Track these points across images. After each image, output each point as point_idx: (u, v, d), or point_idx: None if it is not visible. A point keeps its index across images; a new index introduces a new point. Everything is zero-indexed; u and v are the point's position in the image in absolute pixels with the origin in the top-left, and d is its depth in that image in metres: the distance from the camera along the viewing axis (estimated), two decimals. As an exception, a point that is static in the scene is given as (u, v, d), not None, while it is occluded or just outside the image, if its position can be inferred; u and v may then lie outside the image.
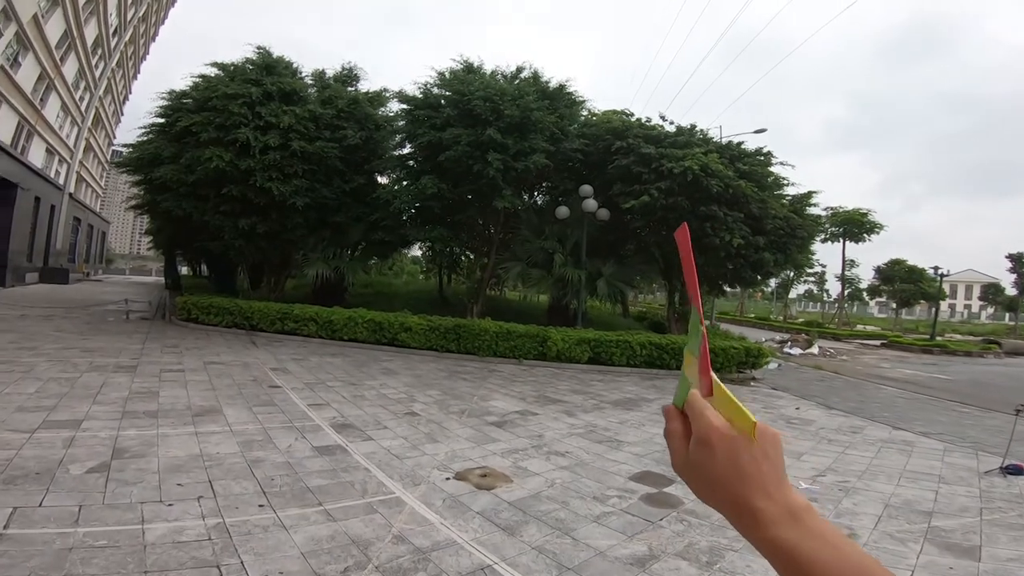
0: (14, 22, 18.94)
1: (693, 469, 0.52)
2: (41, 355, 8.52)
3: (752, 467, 0.49)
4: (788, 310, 46.14)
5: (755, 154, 14.93)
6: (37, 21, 20.96)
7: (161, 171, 13.41)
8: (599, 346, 12.21)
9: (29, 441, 4.44)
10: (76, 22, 24.90)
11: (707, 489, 0.52)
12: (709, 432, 0.50)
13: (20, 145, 24.00)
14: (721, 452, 0.50)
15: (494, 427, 6.59)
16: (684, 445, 0.53)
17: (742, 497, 0.49)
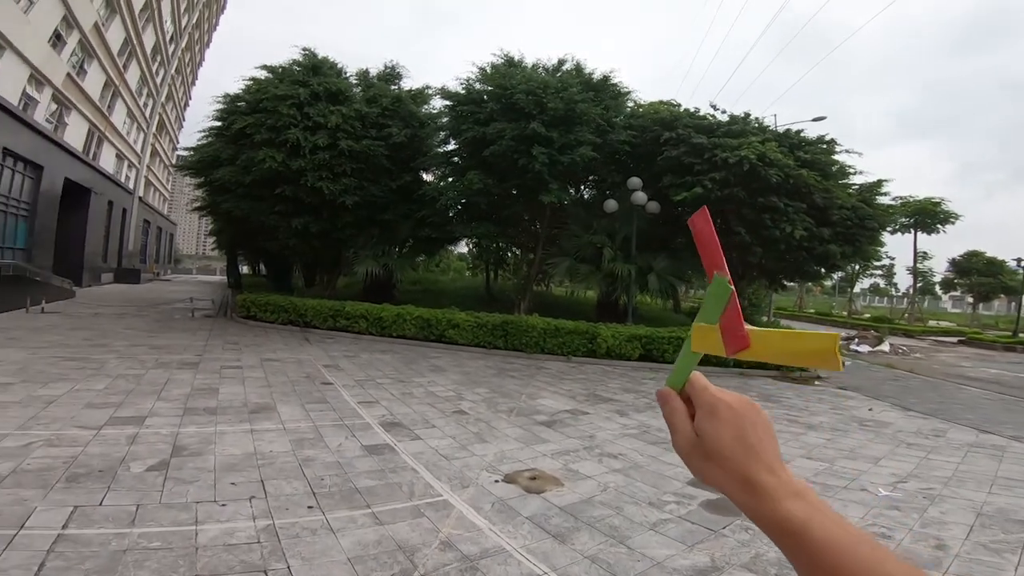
0: (76, 30, 20.05)
1: (699, 445, 0.52)
2: (112, 352, 9.00)
3: (758, 440, 0.50)
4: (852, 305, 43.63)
5: (817, 142, 14.11)
6: (98, 29, 22.14)
7: (220, 172, 14.00)
8: (651, 343, 11.88)
9: (95, 438, 4.62)
10: (135, 29, 26.24)
11: (712, 465, 0.51)
12: (716, 403, 0.52)
13: (92, 151, 25.64)
14: (729, 423, 0.50)
15: (543, 427, 6.42)
16: (687, 421, 0.53)
17: (750, 471, 0.49)
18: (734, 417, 0.51)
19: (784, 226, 12.42)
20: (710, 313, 0.54)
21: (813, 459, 5.82)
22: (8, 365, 7.31)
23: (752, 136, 12.78)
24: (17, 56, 16.31)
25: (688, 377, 0.56)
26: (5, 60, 15.77)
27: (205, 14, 40.93)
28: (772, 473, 0.49)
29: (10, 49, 15.83)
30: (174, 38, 34.40)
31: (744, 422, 0.51)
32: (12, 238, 18.36)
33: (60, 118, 21.33)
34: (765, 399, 9.27)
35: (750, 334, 0.51)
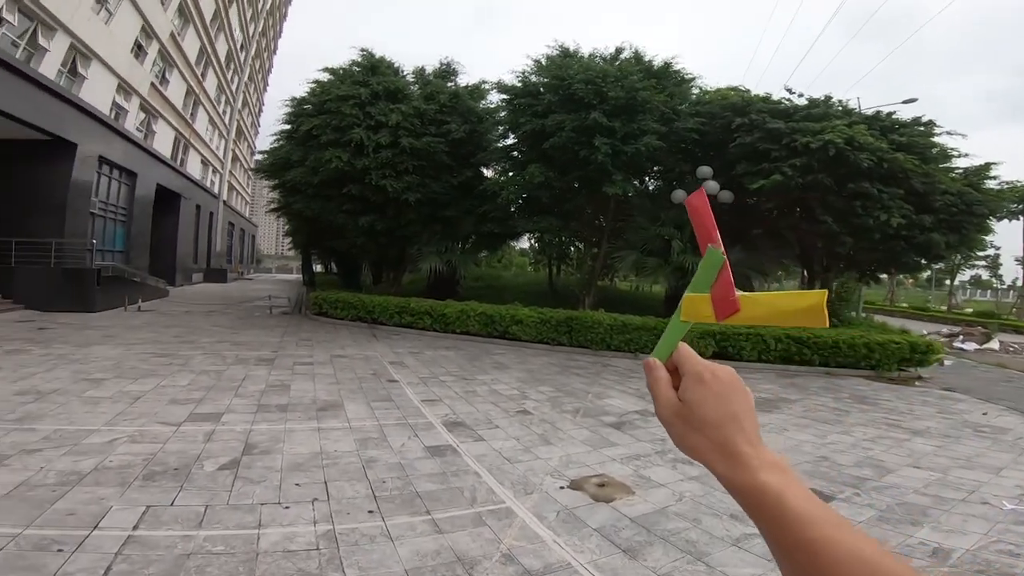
0: (155, 40, 21.48)
1: (683, 412, 0.53)
2: (198, 348, 9.54)
3: (741, 411, 0.51)
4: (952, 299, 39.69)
5: (912, 124, 12.81)
6: (175, 38, 23.65)
7: (291, 174, 14.60)
8: (725, 339, 11.16)
9: (175, 435, 4.81)
10: (208, 38, 27.90)
11: (694, 432, 0.52)
12: (702, 371, 0.53)
13: (179, 158, 27.62)
14: (716, 391, 0.52)
15: (612, 429, 6.13)
16: (670, 391, 0.54)
17: (730, 440, 0.50)
18: (719, 385, 0.52)
19: (878, 214, 11.38)
20: (702, 283, 0.55)
21: (922, 468, 5.21)
22: (104, 361, 7.89)
23: (836, 120, 11.77)
24: (103, 66, 17.65)
25: (675, 347, 0.56)
26: (93, 70, 17.07)
27: (269, 22, 43.10)
28: (751, 444, 0.50)
29: (96, 60, 17.11)
30: (244, 46, 36.38)
31: (729, 391, 0.52)
32: (112, 241, 20.09)
33: (148, 126, 23.05)
34: (859, 401, 8.49)
35: (740, 299, 0.52)
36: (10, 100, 12.72)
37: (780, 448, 5.69)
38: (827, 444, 5.92)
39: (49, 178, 15.30)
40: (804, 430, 6.54)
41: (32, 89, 13.56)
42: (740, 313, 0.52)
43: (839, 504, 4.28)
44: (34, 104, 13.66)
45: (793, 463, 5.09)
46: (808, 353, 10.87)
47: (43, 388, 6.07)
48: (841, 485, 4.71)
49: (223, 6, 28.63)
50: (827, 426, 6.73)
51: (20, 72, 13.01)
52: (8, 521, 3.05)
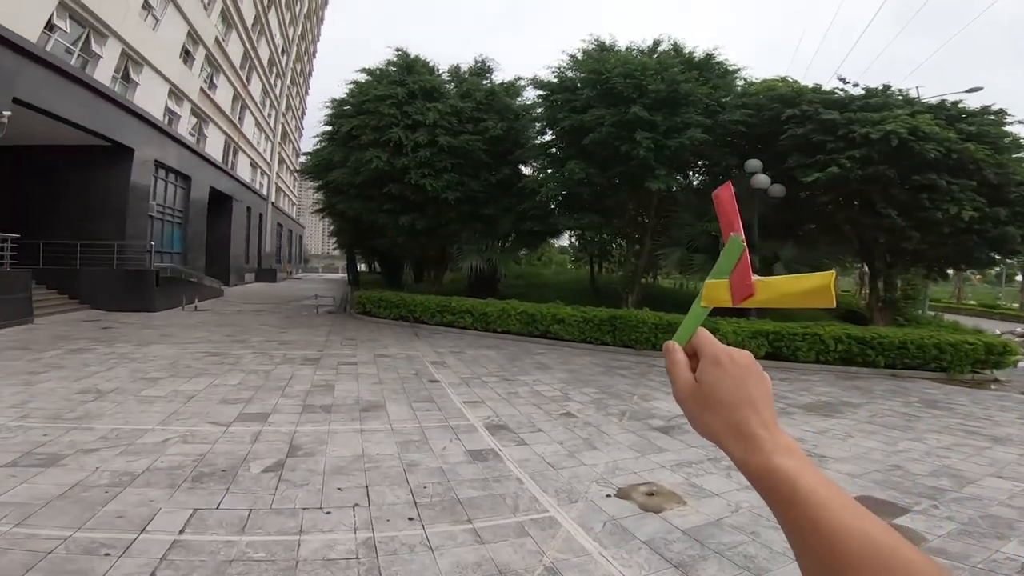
0: (201, 45, 22.25)
1: (701, 393, 0.54)
2: (248, 347, 9.82)
3: (755, 393, 0.52)
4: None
5: (981, 113, 11.94)
6: (220, 43, 24.47)
7: (333, 175, 14.91)
8: (779, 339, 10.64)
9: (224, 435, 4.90)
10: (250, 43, 28.78)
11: (709, 413, 0.53)
12: (720, 353, 0.53)
13: (229, 161, 28.65)
14: (732, 373, 0.52)
15: (660, 433, 5.89)
16: (688, 373, 0.55)
17: (745, 422, 0.51)
18: (736, 368, 0.53)
19: (948, 207, 10.68)
20: (722, 270, 0.56)
21: (1005, 478, 4.79)
22: (161, 360, 8.22)
23: (897, 109, 11.08)
24: (155, 72, 18.41)
25: (694, 332, 0.57)
26: (145, 75, 17.83)
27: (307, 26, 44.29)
28: (766, 428, 0.50)
29: (147, 65, 17.85)
30: (284, 50, 37.47)
31: (746, 374, 0.53)
32: (170, 243, 21.06)
33: (200, 131, 24.02)
34: (930, 405, 7.96)
35: (756, 283, 0.54)
36: (70, 107, 13.42)
37: (846, 455, 5.34)
38: (898, 452, 5.56)
39: (109, 183, 16.14)
40: (871, 436, 6.15)
41: (89, 96, 14.27)
42: (755, 296, 0.54)
43: (915, 516, 3.97)
44: (92, 110, 14.39)
45: (862, 472, 4.85)
46: (872, 354, 10.27)
47: (103, 387, 6.35)
48: (916, 496, 4.37)
49: (262, 10, 29.48)
50: (897, 432, 6.34)
51: (77, 79, 13.70)
52: (61, 523, 3.13)
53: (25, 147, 14.52)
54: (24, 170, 14.96)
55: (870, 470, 4.92)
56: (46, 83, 12.50)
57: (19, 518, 3.14)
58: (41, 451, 4.23)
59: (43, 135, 14.35)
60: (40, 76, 12.26)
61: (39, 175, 15.45)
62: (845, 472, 4.88)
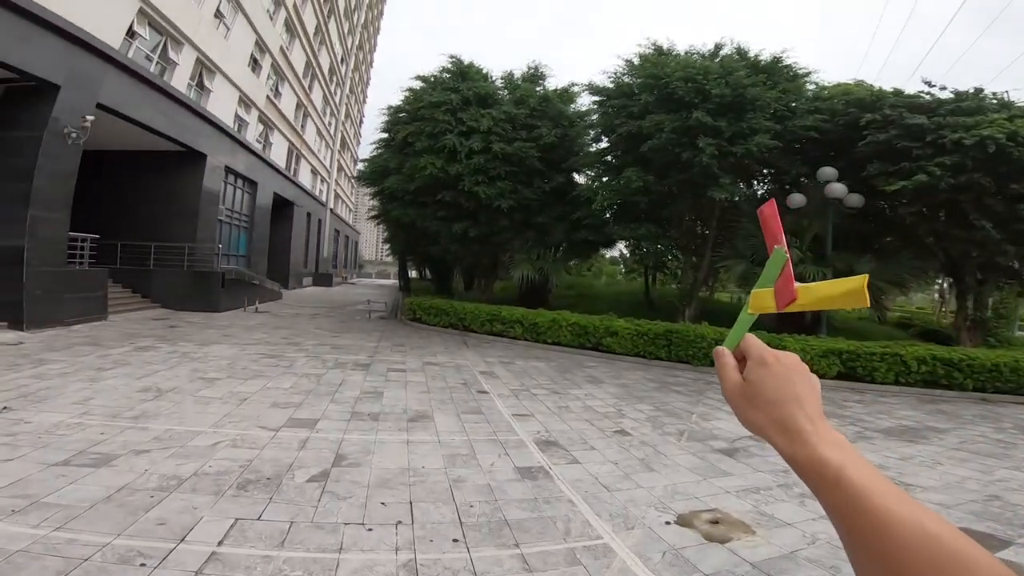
0: (268, 54, 23.11)
1: (748, 391, 0.56)
2: (302, 351, 9.97)
3: (802, 392, 0.54)
4: None
5: None
6: (284, 52, 25.31)
7: (389, 181, 15.08)
8: (854, 359, 9.91)
9: (272, 441, 4.85)
10: (312, 52, 29.69)
11: (755, 410, 0.55)
12: (766, 354, 0.57)
13: (292, 168, 29.69)
14: (777, 372, 0.55)
15: (723, 456, 5.48)
16: (736, 373, 0.58)
17: (791, 417, 0.53)
18: (781, 368, 0.55)
19: None
20: (768, 279, 0.60)
21: None
22: (220, 360, 8.42)
23: (993, 113, 10.14)
24: (226, 80, 19.24)
25: (742, 337, 0.60)
26: (217, 83, 18.65)
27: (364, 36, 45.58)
28: (811, 422, 0.52)
29: (220, 73, 18.67)
30: (344, 59, 38.61)
31: (791, 374, 0.55)
32: (236, 246, 22.00)
33: (266, 138, 24.99)
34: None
35: (798, 289, 0.56)
36: (149, 113, 14.18)
37: (935, 484, 4.96)
38: (996, 481, 5.14)
39: (183, 187, 17.00)
40: (963, 464, 5.65)
41: (167, 102, 15.07)
42: (797, 300, 0.56)
43: (1019, 549, 3.61)
44: (169, 117, 15.18)
45: (955, 502, 4.51)
46: (959, 377, 9.49)
47: (163, 386, 6.51)
48: (1020, 528, 3.94)
49: (323, 20, 30.48)
50: (992, 460, 5.87)
51: (156, 86, 14.45)
52: (102, 528, 3.08)
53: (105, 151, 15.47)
54: (104, 173, 15.90)
55: (965, 500, 4.54)
56: (128, 89, 13.23)
57: (61, 521, 3.11)
58: (95, 451, 4.28)
59: (122, 140, 15.22)
60: (122, 82, 12.98)
61: (117, 178, 16.44)
62: (936, 502, 4.45)
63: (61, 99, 10.97)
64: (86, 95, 11.73)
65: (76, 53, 11.36)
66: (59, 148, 11.05)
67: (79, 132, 11.36)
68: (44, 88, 10.73)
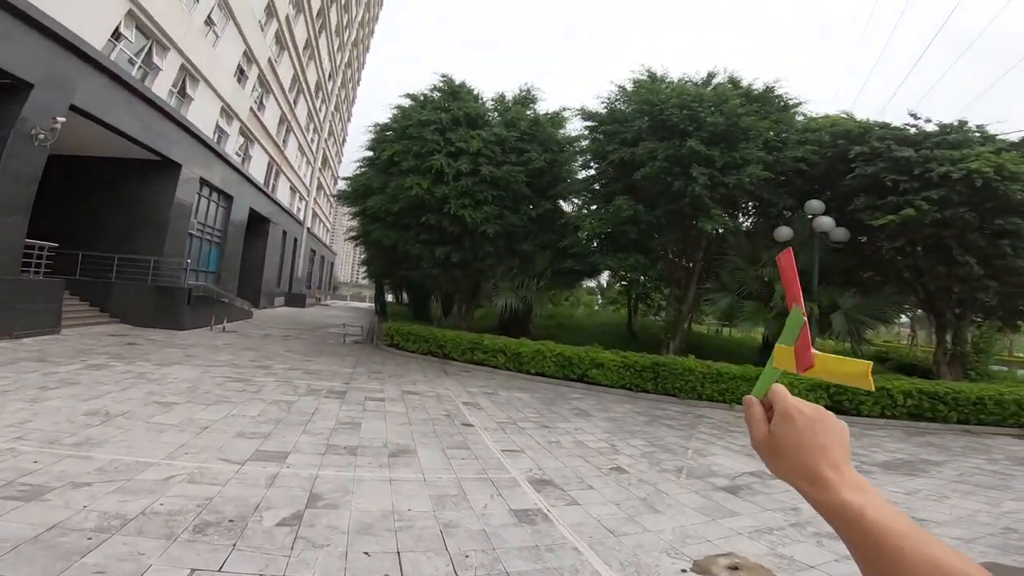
0: (255, 64, 22.58)
1: (774, 443, 0.60)
2: (271, 375, 9.30)
3: (827, 442, 0.57)
4: None
5: None
6: (272, 64, 24.83)
7: (371, 201, 14.56)
8: (841, 393, 10.01)
9: (236, 476, 4.26)
10: (300, 66, 29.24)
11: (784, 460, 0.59)
12: (791, 410, 0.60)
13: (271, 183, 28.91)
14: (801, 426, 0.58)
15: (727, 494, 5.19)
16: (765, 424, 0.62)
17: (815, 466, 0.56)
18: (805, 421, 0.58)
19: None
20: (788, 337, 0.64)
21: None
22: (180, 383, 7.70)
23: (978, 147, 10.32)
24: (210, 89, 18.65)
25: (770, 388, 0.64)
26: (200, 92, 18.06)
27: (354, 53, 45.37)
28: (835, 470, 0.55)
29: (204, 82, 18.09)
30: (331, 75, 38.22)
31: (815, 425, 0.58)
32: (206, 262, 21.10)
33: (246, 151, 24.28)
34: (1020, 463, 7.54)
35: (815, 356, 0.60)
36: (126, 118, 13.55)
37: (948, 519, 4.91)
38: (1006, 513, 5.15)
39: (153, 198, 16.25)
40: (969, 497, 5.64)
41: (146, 108, 14.44)
42: (813, 368, 0.60)
43: None
44: (147, 123, 14.54)
45: (973, 536, 4.47)
46: (944, 410, 9.81)
47: (113, 409, 5.82)
48: None
49: (314, 35, 30.21)
50: (995, 492, 5.92)
51: (136, 91, 13.85)
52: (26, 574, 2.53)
53: (73, 156, 14.72)
54: (70, 180, 15.14)
55: (983, 534, 4.52)
56: (104, 92, 12.64)
57: (-28, 569, 2.55)
58: (25, 481, 3.66)
59: (92, 144, 14.51)
60: (99, 85, 12.40)
61: (84, 185, 15.64)
62: (955, 537, 4.38)
63: (33, 98, 10.40)
64: (60, 96, 11.16)
65: (55, 52, 10.86)
66: (24, 149, 10.41)
67: (48, 134, 10.75)
68: (16, 86, 10.15)
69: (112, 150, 15.10)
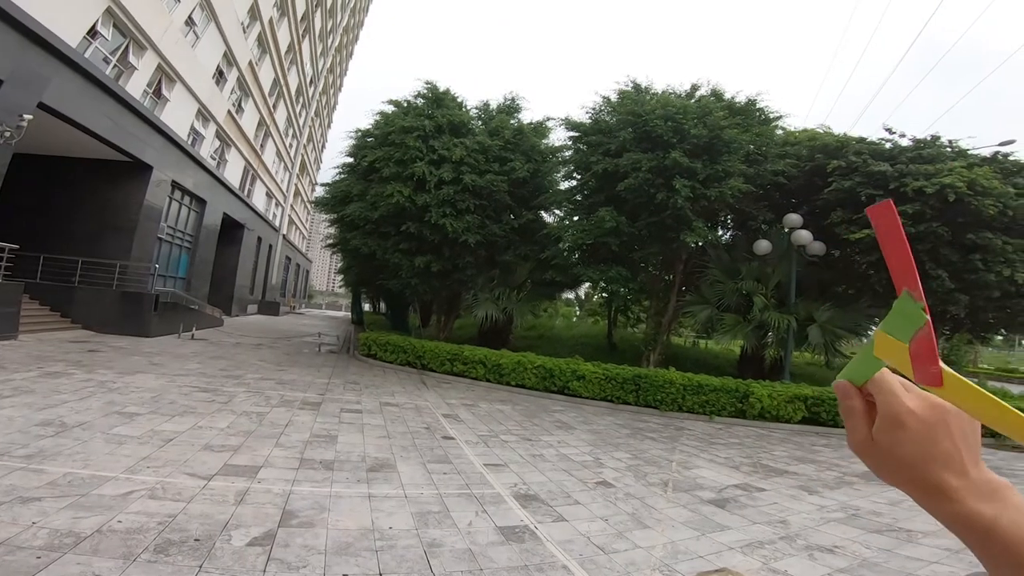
0: (235, 67, 22.07)
1: (878, 449, 0.49)
2: (242, 385, 8.92)
3: (951, 448, 0.47)
4: None
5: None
6: (253, 68, 24.29)
7: (350, 208, 14.22)
8: (819, 404, 10.14)
9: (202, 492, 3.98)
10: (282, 70, 28.67)
11: (892, 469, 0.49)
12: (901, 414, 0.47)
13: (246, 188, 28.20)
14: (916, 434, 0.47)
15: (714, 507, 5.12)
16: (865, 424, 0.49)
17: (934, 476, 0.47)
18: (922, 428, 0.47)
19: (1001, 268, 10.08)
20: (897, 328, 0.47)
21: None
22: (143, 392, 7.30)
23: (951, 161, 10.59)
24: (187, 90, 18.10)
25: (872, 376, 0.49)
26: (176, 93, 17.53)
27: (337, 59, 44.82)
28: (963, 475, 0.46)
29: (180, 83, 17.56)
30: (313, 81, 37.58)
31: (934, 432, 0.46)
32: (176, 267, 20.41)
33: (221, 155, 23.64)
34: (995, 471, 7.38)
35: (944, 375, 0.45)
36: (97, 118, 13.06)
37: (936, 529, 4.83)
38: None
39: (122, 200, 15.66)
40: None
41: (118, 108, 13.94)
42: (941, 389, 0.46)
43: None
44: (118, 124, 14.03)
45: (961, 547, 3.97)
46: None
47: (69, 420, 5.43)
48: None
49: (297, 39, 29.72)
50: None
51: (109, 90, 13.37)
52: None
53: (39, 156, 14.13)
54: (35, 180, 14.52)
55: None
56: (77, 91, 12.19)
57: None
58: (-32, 497, 3.35)
59: (61, 145, 13.98)
60: (71, 83, 11.96)
61: (50, 186, 15.04)
62: (944, 548, 4.38)
63: (2, 95, 9.96)
64: (29, 93, 10.73)
65: (27, 48, 10.45)
66: (-13, 148, 9.92)
67: (13, 132, 10.28)
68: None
69: (81, 150, 14.54)
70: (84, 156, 15.01)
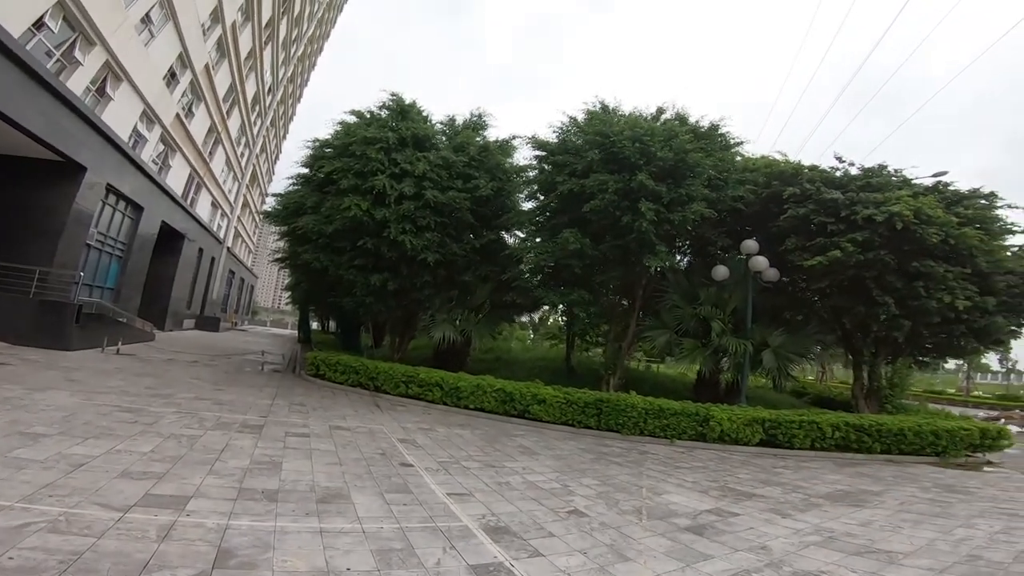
0: (189, 70, 20.78)
1: None
2: (172, 405, 8.05)
3: None
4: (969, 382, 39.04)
5: (974, 196, 12.11)
6: (209, 71, 23.00)
7: (303, 221, 13.43)
8: (776, 427, 10.33)
9: (117, 525, 3.35)
10: (240, 76, 27.31)
11: None
12: None
13: (190, 197, 26.53)
14: None
15: (692, 534, 4.91)
16: None
17: None
18: None
19: (941, 295, 10.58)
20: None
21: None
22: (54, 411, 6.39)
23: (898, 190, 11.08)
24: (133, 90, 16.86)
25: None
26: (121, 92, 16.31)
27: (298, 68, 43.35)
28: None
29: (127, 82, 16.36)
30: (271, 89, 36.00)
31: None
32: (104, 277, 18.79)
33: (165, 160, 22.11)
34: (948, 490, 8.03)
35: None
36: (29, 114, 11.92)
37: (911, 549, 4.86)
38: (961, 541, 5.26)
39: (49, 202, 14.27)
40: (920, 527, 5.71)
41: (55, 105, 12.76)
42: None
43: None
44: (52, 121, 12.84)
45: (943, 567, 4.44)
46: (869, 441, 10.44)
47: (-41, 441, 4.63)
48: None
49: (259, 45, 28.50)
50: (941, 520, 6.08)
51: (47, 85, 12.25)
52: None
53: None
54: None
55: (950, 563, 4.53)
56: (12, 84, 11.13)
57: None
58: None
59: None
60: (8, 75, 10.93)
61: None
62: (925, 567, 4.39)
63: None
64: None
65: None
66: None
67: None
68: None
69: (6, 146, 13.25)
70: (9, 153, 13.69)
